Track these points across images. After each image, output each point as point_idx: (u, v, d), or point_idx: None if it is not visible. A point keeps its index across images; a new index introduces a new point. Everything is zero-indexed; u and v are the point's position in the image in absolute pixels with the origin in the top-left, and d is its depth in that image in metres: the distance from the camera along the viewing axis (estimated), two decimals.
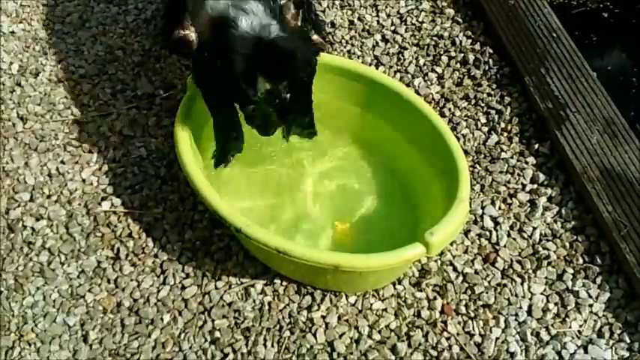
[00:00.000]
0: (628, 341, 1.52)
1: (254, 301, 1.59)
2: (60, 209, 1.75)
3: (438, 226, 1.38)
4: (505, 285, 1.60)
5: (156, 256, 1.67)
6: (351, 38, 2.15)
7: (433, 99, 1.97)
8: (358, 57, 2.09)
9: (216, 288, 1.61)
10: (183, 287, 1.62)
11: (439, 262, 1.65)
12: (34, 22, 2.24)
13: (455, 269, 1.63)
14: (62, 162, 1.85)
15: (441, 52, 2.10)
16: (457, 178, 1.49)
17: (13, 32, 2.20)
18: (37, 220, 1.73)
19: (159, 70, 2.05)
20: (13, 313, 1.58)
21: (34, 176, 1.82)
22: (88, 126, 1.92)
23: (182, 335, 1.54)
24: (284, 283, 1.61)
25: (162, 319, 1.56)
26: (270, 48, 1.42)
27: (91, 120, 1.94)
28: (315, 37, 2.01)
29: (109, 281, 1.63)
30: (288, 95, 1.44)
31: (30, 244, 1.69)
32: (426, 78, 2.03)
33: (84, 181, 1.81)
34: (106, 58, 2.11)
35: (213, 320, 1.56)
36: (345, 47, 2.12)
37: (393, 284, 1.61)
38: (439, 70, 2.05)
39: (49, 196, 1.78)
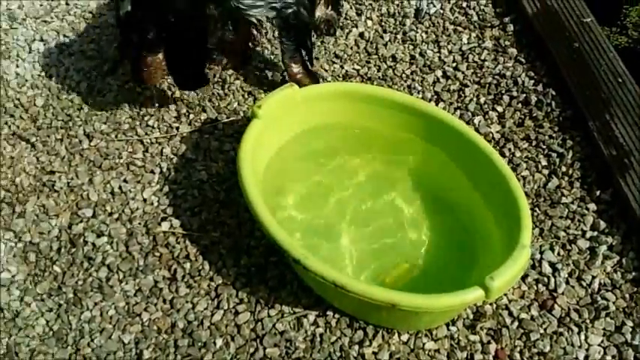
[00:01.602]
0: None
1: (306, 331, 1.60)
2: (121, 227, 1.79)
3: (499, 271, 1.37)
4: (561, 333, 1.57)
5: (211, 279, 1.69)
6: (411, 73, 2.16)
7: (493, 138, 1.96)
8: (418, 92, 2.09)
9: (269, 316, 1.62)
10: (237, 313, 1.63)
11: (494, 305, 1.63)
12: (102, 42, 2.31)
13: (510, 314, 1.61)
14: (125, 181, 1.89)
15: (503, 92, 2.09)
16: (519, 222, 1.47)
17: (82, 51, 2.27)
18: (98, 236, 1.77)
19: (222, 96, 2.09)
20: (71, 326, 1.62)
21: (97, 193, 1.87)
22: (152, 147, 1.97)
23: None
24: (336, 316, 1.61)
25: (214, 343, 1.58)
26: None
27: (155, 141, 1.98)
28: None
29: (164, 301, 1.65)
30: None
31: (90, 260, 1.73)
32: (487, 117, 2.02)
33: (145, 200, 1.85)
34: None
35: (264, 348, 1.57)
36: (405, 82, 2.13)
37: (447, 325, 1.59)
38: (500, 109, 2.04)
39: (110, 214, 1.82)
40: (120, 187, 1.88)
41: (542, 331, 1.58)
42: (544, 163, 1.89)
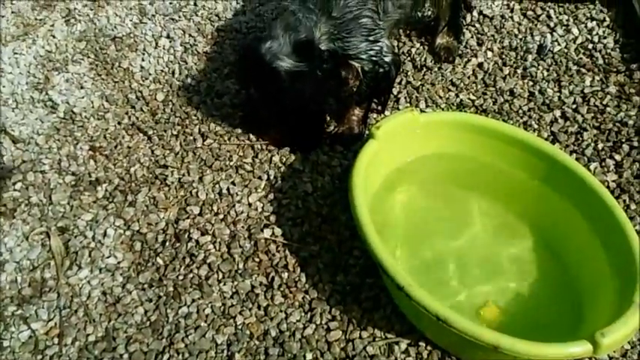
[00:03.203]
0: None
1: (396, 359, 1.58)
2: (225, 228, 1.83)
3: (612, 327, 1.31)
4: None
5: (306, 292, 1.70)
6: (529, 110, 2.11)
7: (608, 187, 1.88)
8: (534, 130, 2.04)
9: (361, 337, 1.61)
10: (329, 329, 1.63)
11: None
12: (225, 45, 2.38)
13: None
14: (233, 183, 1.93)
15: (623, 140, 2.01)
16: (636, 279, 1.41)
17: (206, 52, 2.34)
18: (203, 234, 1.82)
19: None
20: (168, 319, 1.66)
21: (205, 192, 1.91)
22: (262, 153, 2.00)
23: None
24: (428, 348, 1.59)
25: (304, 357, 1.58)
26: None
27: (265, 148, 2.02)
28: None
29: (259, 307, 1.67)
30: None
31: (192, 256, 1.77)
32: (603, 164, 1.95)
33: (250, 205, 1.88)
34: None
35: None
36: (521, 118, 2.09)
37: None
38: (618, 157, 1.96)
39: (216, 214, 1.86)
40: (228, 189, 1.92)
41: None
42: None
